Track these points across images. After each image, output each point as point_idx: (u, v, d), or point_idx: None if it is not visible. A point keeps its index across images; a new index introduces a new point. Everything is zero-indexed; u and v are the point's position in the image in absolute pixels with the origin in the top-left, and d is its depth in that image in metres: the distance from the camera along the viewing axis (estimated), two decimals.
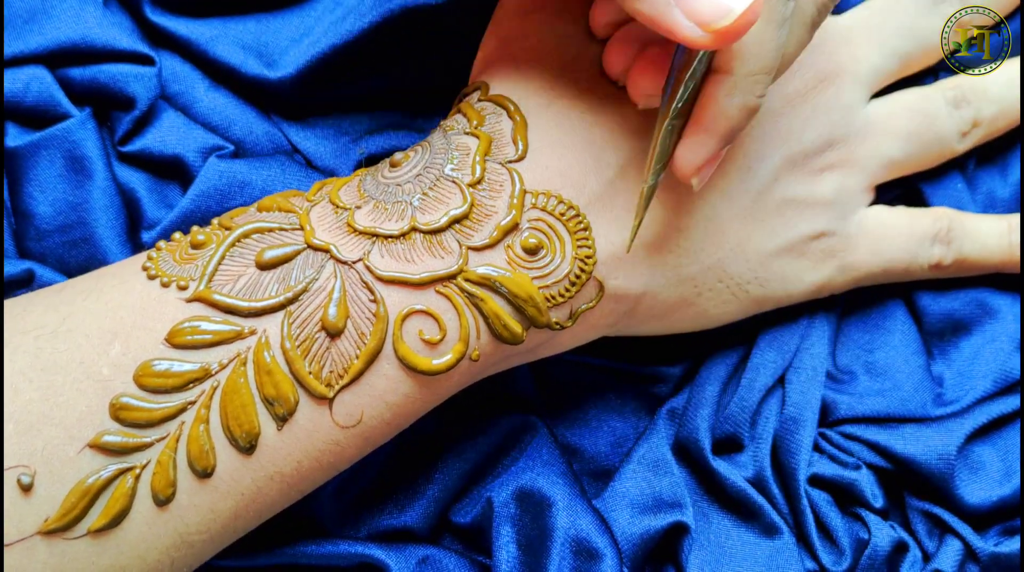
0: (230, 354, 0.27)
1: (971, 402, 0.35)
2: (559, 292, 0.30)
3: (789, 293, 0.34)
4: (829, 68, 0.34)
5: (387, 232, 0.29)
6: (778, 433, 0.35)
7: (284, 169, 0.35)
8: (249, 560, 0.32)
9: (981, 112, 0.36)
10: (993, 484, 0.34)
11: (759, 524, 0.34)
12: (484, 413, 0.35)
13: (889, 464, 0.34)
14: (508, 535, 0.33)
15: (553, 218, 0.30)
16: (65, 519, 0.26)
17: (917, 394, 0.36)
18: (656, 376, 0.37)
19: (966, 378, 0.36)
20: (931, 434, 0.34)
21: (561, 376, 0.37)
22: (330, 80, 0.36)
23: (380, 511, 0.34)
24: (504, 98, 0.31)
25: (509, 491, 0.33)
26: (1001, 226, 0.36)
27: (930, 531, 0.34)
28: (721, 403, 0.35)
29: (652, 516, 0.33)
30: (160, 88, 0.36)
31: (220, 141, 0.36)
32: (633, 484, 0.34)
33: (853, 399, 0.35)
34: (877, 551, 0.33)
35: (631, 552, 0.33)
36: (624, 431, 0.36)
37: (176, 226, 0.34)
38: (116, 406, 0.26)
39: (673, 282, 0.32)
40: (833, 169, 0.34)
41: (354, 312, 0.28)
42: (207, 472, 0.27)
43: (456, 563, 0.33)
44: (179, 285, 0.28)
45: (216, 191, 0.35)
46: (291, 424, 0.28)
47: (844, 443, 0.35)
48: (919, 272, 0.36)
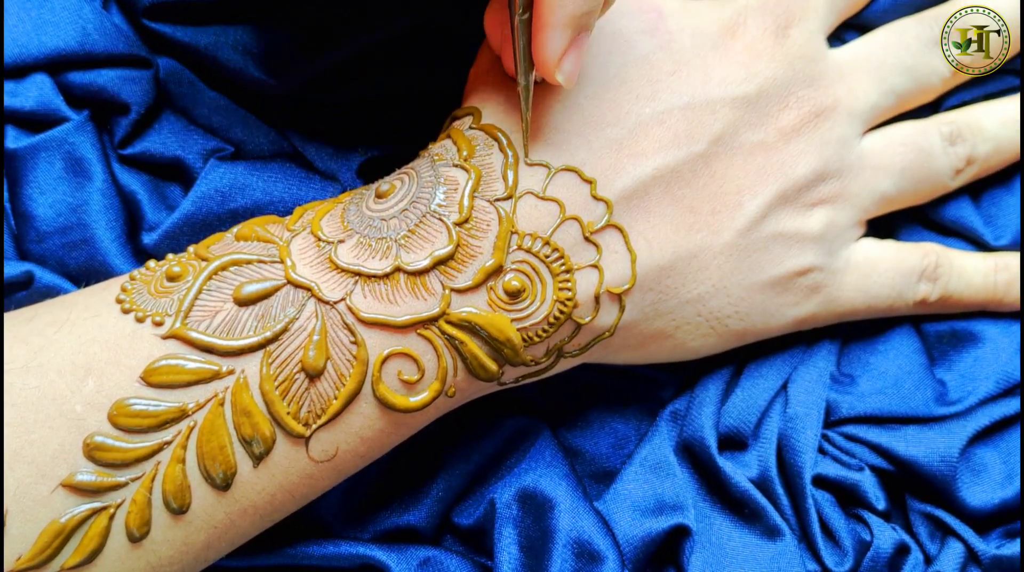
0: (207, 394, 0.27)
1: (973, 404, 0.35)
2: (537, 333, 0.30)
3: (769, 327, 0.34)
4: (826, 103, 0.34)
5: (371, 271, 0.28)
6: (783, 432, 0.35)
7: (285, 171, 0.35)
8: (251, 560, 0.32)
9: (976, 149, 0.36)
10: (995, 486, 0.34)
11: (761, 526, 0.34)
12: (487, 415, 0.35)
13: (891, 466, 0.35)
14: (510, 536, 0.33)
15: (537, 260, 0.29)
16: (38, 558, 0.26)
17: (919, 394, 0.36)
18: (657, 380, 0.37)
19: (968, 380, 0.36)
20: (933, 436, 0.34)
21: (563, 379, 0.36)
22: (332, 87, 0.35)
23: (385, 511, 0.34)
24: (496, 129, 0.30)
25: (511, 492, 0.34)
26: (988, 265, 0.36)
27: (932, 533, 0.35)
28: (724, 402, 0.35)
29: (654, 518, 0.34)
30: (157, 91, 0.35)
31: (220, 143, 0.35)
32: (635, 486, 0.34)
33: (855, 400, 0.35)
34: (879, 553, 0.33)
35: (633, 554, 0.33)
36: (626, 433, 0.36)
37: (177, 228, 0.34)
38: (91, 446, 0.26)
39: (651, 316, 0.32)
40: (824, 204, 0.34)
41: (334, 353, 0.28)
42: (183, 509, 0.27)
43: (458, 564, 0.33)
44: (154, 321, 0.27)
45: (217, 193, 0.34)
46: (267, 462, 0.28)
47: (846, 445, 0.35)
48: (903, 308, 0.36)
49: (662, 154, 0.31)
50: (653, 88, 0.31)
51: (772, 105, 0.33)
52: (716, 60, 0.32)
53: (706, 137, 0.32)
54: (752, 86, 0.32)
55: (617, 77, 0.31)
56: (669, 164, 0.31)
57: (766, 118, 0.33)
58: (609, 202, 0.30)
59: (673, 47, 0.32)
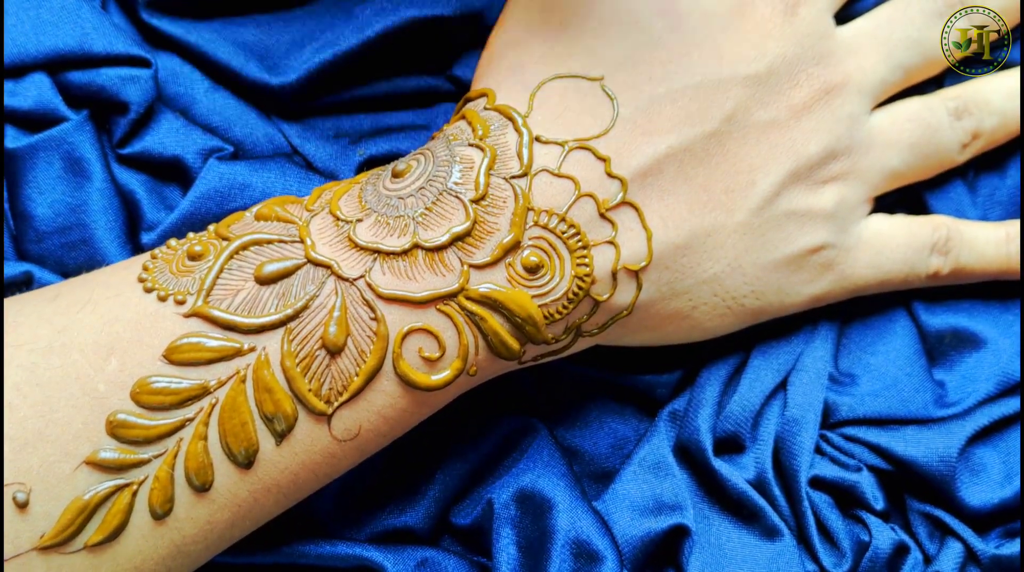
0: (229, 371, 0.27)
1: (972, 404, 0.35)
2: (557, 310, 0.30)
3: (785, 305, 0.34)
4: (835, 79, 0.34)
5: (389, 249, 0.28)
6: (780, 435, 0.35)
7: (284, 171, 0.35)
8: (248, 558, 0.32)
9: (982, 123, 0.36)
10: (994, 486, 0.34)
11: (760, 526, 0.34)
12: (485, 414, 0.35)
13: (890, 466, 0.35)
14: (508, 537, 0.33)
15: (554, 236, 0.30)
16: (62, 535, 0.26)
17: (918, 395, 0.36)
18: (656, 382, 0.37)
19: (967, 380, 0.36)
20: (932, 436, 0.34)
21: (562, 378, 0.37)
22: (332, 86, 0.35)
23: (381, 511, 0.34)
24: (510, 108, 0.31)
25: (510, 492, 0.34)
26: (999, 234, 0.36)
27: (931, 533, 0.35)
28: (722, 403, 0.35)
29: (653, 518, 0.34)
30: (156, 91, 0.35)
31: (220, 142, 0.35)
32: (634, 486, 0.34)
33: (854, 401, 0.35)
34: (878, 553, 0.33)
35: (632, 554, 0.33)
36: (625, 433, 0.36)
37: (176, 228, 0.34)
38: (113, 423, 0.26)
39: (667, 295, 0.32)
40: (835, 181, 0.34)
41: (355, 330, 0.28)
42: (205, 487, 0.27)
43: (456, 564, 0.33)
44: (176, 299, 0.28)
45: (216, 193, 0.34)
46: (289, 439, 0.28)
47: (845, 445, 0.35)
48: (916, 282, 0.36)
49: (675, 133, 0.31)
50: (665, 69, 0.32)
51: (783, 83, 0.33)
52: (726, 40, 0.32)
53: (718, 116, 0.32)
54: (762, 64, 0.33)
55: (630, 59, 0.32)
56: (682, 143, 0.31)
57: (777, 96, 0.33)
58: (624, 179, 0.30)
59: (684, 28, 0.32)
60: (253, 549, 0.32)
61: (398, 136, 0.36)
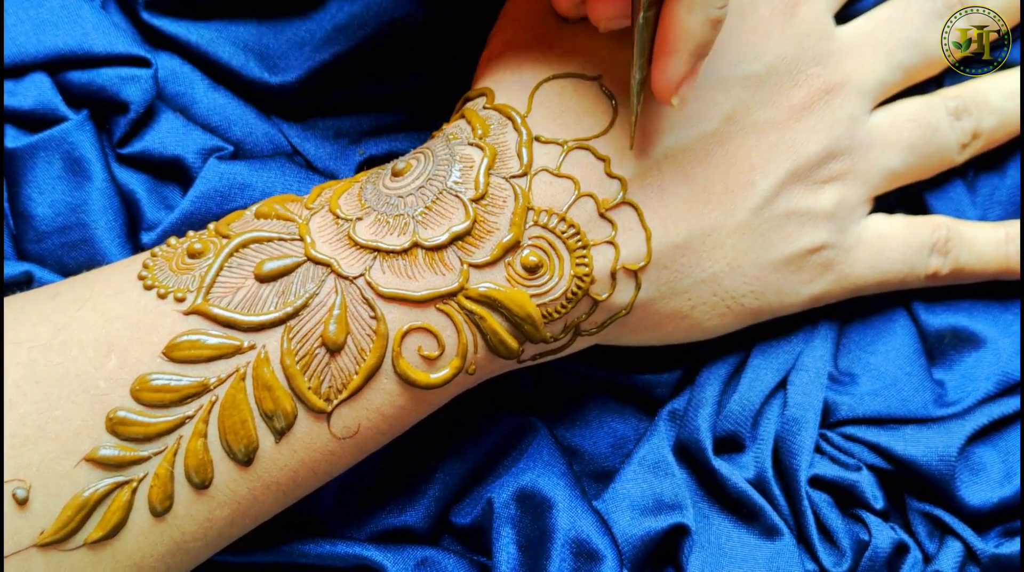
0: (229, 369, 0.27)
1: (972, 403, 0.35)
2: (555, 309, 0.30)
3: (784, 305, 0.34)
4: (835, 79, 0.34)
5: (389, 247, 0.29)
6: (779, 434, 0.35)
7: (284, 171, 0.35)
8: (247, 557, 0.32)
9: (981, 123, 0.36)
10: (994, 485, 0.34)
11: (760, 525, 0.34)
12: (485, 414, 0.35)
13: (890, 465, 0.35)
14: (508, 536, 0.33)
15: (554, 236, 0.30)
16: (61, 532, 0.26)
17: (918, 395, 0.36)
18: (656, 381, 0.37)
19: (967, 380, 0.36)
20: (932, 435, 0.34)
21: (562, 377, 0.37)
22: (331, 85, 0.35)
23: (381, 510, 0.34)
24: (510, 108, 0.31)
25: (509, 492, 0.34)
26: (999, 235, 0.36)
27: (931, 532, 0.35)
28: (722, 403, 0.35)
29: (653, 517, 0.34)
30: (156, 90, 0.35)
31: (219, 142, 0.35)
32: (634, 485, 0.34)
33: (854, 400, 0.35)
34: (878, 552, 0.33)
35: (631, 553, 0.33)
36: (625, 432, 0.37)
37: (176, 227, 0.34)
38: (113, 420, 0.26)
39: (666, 295, 0.32)
40: (835, 181, 0.34)
41: (354, 328, 0.28)
42: (205, 484, 0.27)
43: (456, 564, 0.33)
44: (176, 297, 0.28)
45: (216, 193, 0.34)
46: (289, 437, 0.28)
47: (845, 444, 0.35)
48: (915, 282, 0.36)
49: (675, 133, 0.31)
50: None
51: (782, 83, 0.33)
52: (726, 40, 0.33)
53: (717, 116, 0.32)
54: (761, 64, 0.33)
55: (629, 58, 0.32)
56: (682, 142, 0.31)
57: (777, 96, 0.33)
58: (623, 179, 0.30)
59: None
60: (253, 548, 0.32)
61: (398, 136, 0.36)
